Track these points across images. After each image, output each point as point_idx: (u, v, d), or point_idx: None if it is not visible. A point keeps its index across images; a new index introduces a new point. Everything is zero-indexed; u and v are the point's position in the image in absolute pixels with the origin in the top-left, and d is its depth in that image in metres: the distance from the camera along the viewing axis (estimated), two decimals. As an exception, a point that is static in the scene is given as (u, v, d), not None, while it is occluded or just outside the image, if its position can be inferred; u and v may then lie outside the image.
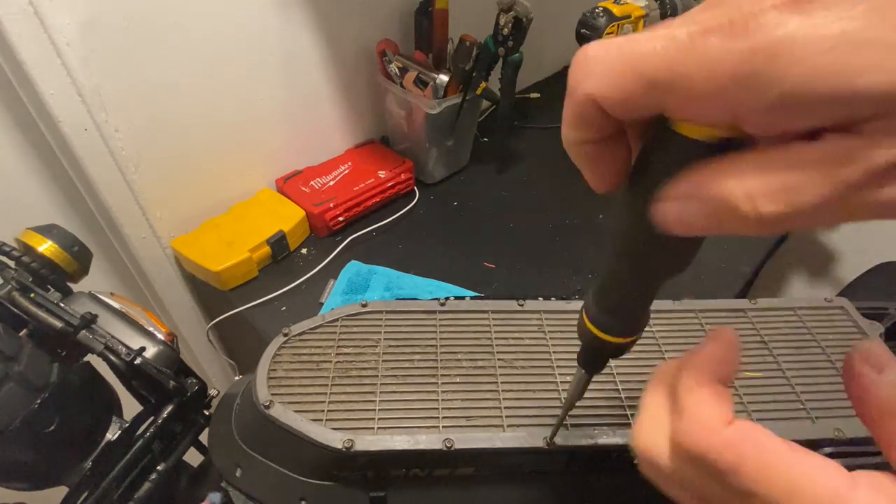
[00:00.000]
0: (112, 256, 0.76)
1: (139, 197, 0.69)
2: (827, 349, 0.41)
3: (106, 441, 0.40)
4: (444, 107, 0.79)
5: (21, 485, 0.38)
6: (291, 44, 0.74)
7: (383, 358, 0.40)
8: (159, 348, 0.42)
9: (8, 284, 0.39)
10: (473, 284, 0.69)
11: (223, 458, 0.40)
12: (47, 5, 0.52)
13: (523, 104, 1.13)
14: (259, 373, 0.39)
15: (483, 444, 0.35)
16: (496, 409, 0.37)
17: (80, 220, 0.71)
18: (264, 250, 0.73)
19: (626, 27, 0.82)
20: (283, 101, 0.78)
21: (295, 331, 0.42)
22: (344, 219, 0.80)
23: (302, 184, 0.82)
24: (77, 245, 0.43)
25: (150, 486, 0.41)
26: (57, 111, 0.57)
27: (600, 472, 0.38)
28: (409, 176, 0.86)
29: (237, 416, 0.41)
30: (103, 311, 0.42)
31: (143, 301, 0.81)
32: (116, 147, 0.63)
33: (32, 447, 0.36)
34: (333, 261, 0.75)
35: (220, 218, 0.77)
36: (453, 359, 0.40)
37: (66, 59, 0.55)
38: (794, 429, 0.36)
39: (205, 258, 0.70)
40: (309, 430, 0.35)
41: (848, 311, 0.44)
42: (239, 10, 0.66)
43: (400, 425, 0.36)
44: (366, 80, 0.86)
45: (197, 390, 0.43)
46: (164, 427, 0.42)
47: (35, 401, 0.35)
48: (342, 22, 0.78)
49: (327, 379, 0.39)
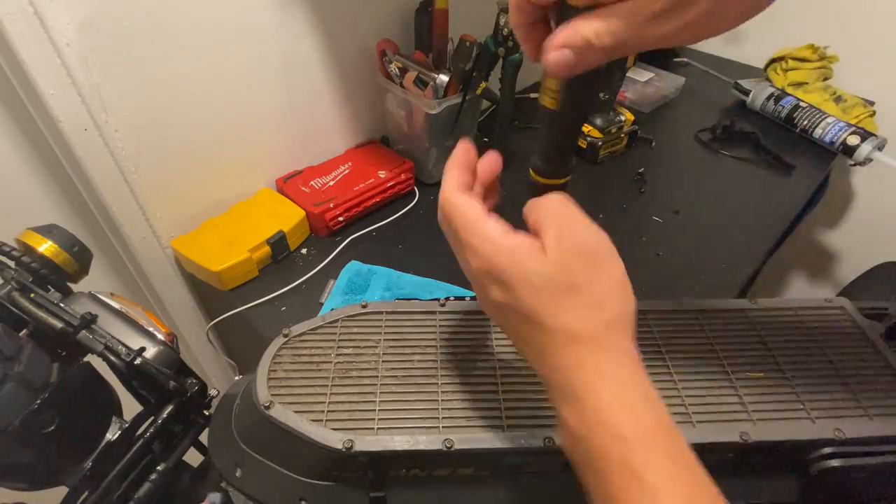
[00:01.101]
0: (112, 256, 0.76)
1: (139, 197, 0.69)
2: (827, 349, 0.41)
3: (106, 441, 0.40)
4: (444, 107, 0.79)
5: (21, 485, 0.38)
6: (291, 44, 0.74)
7: (383, 358, 0.40)
8: (159, 348, 0.42)
9: (8, 284, 0.39)
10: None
11: (223, 458, 0.40)
12: (47, 5, 0.52)
13: (523, 104, 1.13)
14: (259, 373, 0.39)
15: (483, 444, 0.35)
16: (496, 410, 0.37)
17: (80, 220, 0.71)
18: (264, 250, 0.73)
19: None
20: (283, 101, 0.78)
21: (295, 331, 0.42)
22: (344, 219, 0.80)
23: (302, 184, 0.82)
24: (77, 245, 0.43)
25: (150, 486, 0.41)
26: (57, 111, 0.57)
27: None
28: (409, 176, 0.86)
29: (237, 417, 0.41)
30: (103, 312, 0.42)
31: (143, 301, 0.81)
32: (116, 147, 0.63)
33: (32, 447, 0.36)
34: (333, 261, 0.75)
35: (220, 218, 0.77)
36: (453, 359, 0.40)
37: (66, 59, 0.55)
38: (794, 429, 0.36)
39: (205, 258, 0.70)
40: (309, 430, 0.35)
41: (848, 311, 0.44)
42: (239, 10, 0.66)
43: (400, 425, 0.36)
44: (366, 80, 0.86)
45: (197, 390, 0.43)
46: (164, 427, 0.42)
47: (35, 401, 0.35)
48: (342, 22, 0.78)
49: (327, 379, 0.39)
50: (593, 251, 0.28)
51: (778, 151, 0.97)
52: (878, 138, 0.92)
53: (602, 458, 0.24)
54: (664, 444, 0.24)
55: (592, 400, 0.25)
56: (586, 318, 0.26)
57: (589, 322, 0.26)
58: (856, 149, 0.93)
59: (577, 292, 0.26)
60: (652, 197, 0.89)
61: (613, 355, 0.26)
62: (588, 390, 0.25)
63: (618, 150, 0.98)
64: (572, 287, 0.26)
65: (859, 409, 0.37)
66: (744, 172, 0.96)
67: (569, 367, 0.26)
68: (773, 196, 0.91)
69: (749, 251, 0.80)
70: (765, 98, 1.06)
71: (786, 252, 1.37)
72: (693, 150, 1.01)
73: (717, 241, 0.81)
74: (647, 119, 1.09)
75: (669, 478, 0.23)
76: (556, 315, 0.26)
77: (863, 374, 0.40)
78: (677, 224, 0.84)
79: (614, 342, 0.26)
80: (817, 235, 1.41)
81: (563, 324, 0.26)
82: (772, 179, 0.95)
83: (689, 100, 1.17)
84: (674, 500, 0.22)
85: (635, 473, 0.23)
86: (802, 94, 1.05)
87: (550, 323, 0.26)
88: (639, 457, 0.23)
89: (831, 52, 1.07)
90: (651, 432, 0.24)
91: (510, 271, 0.27)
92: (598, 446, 0.24)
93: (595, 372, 0.25)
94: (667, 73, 1.19)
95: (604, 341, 0.26)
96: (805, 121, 1.00)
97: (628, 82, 1.15)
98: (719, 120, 1.04)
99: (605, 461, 0.24)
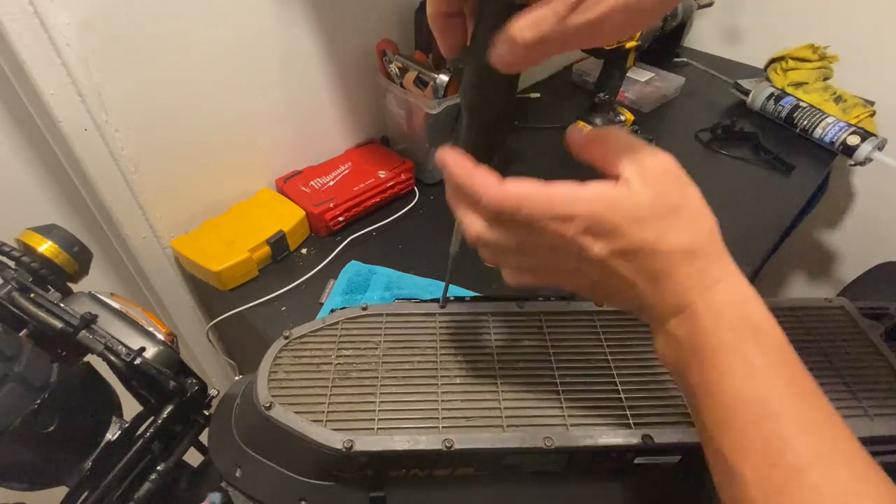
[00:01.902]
0: (112, 256, 0.76)
1: (139, 197, 0.69)
2: (827, 349, 0.41)
3: (106, 441, 0.40)
4: (444, 107, 0.79)
5: (21, 485, 0.38)
6: (291, 44, 0.74)
7: (383, 360, 0.40)
8: (159, 348, 0.42)
9: (8, 284, 0.39)
10: (473, 285, 0.69)
11: (223, 459, 0.40)
12: (47, 5, 0.52)
13: (523, 104, 1.13)
14: (260, 375, 0.39)
15: (483, 444, 0.35)
16: (496, 410, 0.37)
17: (80, 220, 0.71)
18: (264, 250, 0.73)
19: (626, 27, 0.82)
20: (283, 101, 0.78)
21: (295, 333, 0.42)
22: (344, 219, 0.80)
23: (302, 184, 0.82)
24: (77, 245, 0.43)
25: (150, 486, 0.41)
26: (57, 111, 0.57)
27: (600, 472, 0.38)
28: (409, 176, 0.86)
29: (237, 417, 0.41)
30: (103, 312, 0.42)
31: (143, 301, 0.81)
32: (116, 147, 0.63)
33: (32, 447, 0.36)
34: (333, 261, 0.75)
35: (220, 218, 0.77)
36: (453, 359, 0.40)
37: (66, 59, 0.55)
38: (794, 429, 0.36)
39: (205, 258, 0.70)
40: (309, 430, 0.35)
41: (848, 311, 0.44)
42: (239, 10, 0.66)
43: (400, 426, 0.36)
44: (366, 80, 0.86)
45: (197, 390, 0.43)
46: (164, 427, 0.42)
47: (35, 401, 0.35)
48: (342, 22, 0.78)
49: (328, 381, 0.39)
50: (676, 172, 0.28)
51: (778, 151, 0.98)
52: (878, 138, 0.92)
53: (709, 349, 0.26)
54: (773, 337, 0.26)
55: (710, 301, 0.27)
56: (694, 232, 0.27)
57: (698, 235, 0.27)
58: (856, 149, 0.93)
59: (678, 213, 0.27)
60: (652, 197, 0.88)
61: (725, 259, 0.28)
62: (706, 297, 0.27)
63: (618, 150, 0.98)
64: (674, 209, 0.27)
65: (859, 409, 0.37)
66: (744, 172, 0.96)
67: (687, 281, 0.27)
68: (773, 196, 0.91)
69: (749, 251, 0.80)
70: (765, 98, 1.06)
71: (786, 252, 1.37)
72: (693, 150, 1.01)
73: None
74: (647, 119, 1.09)
75: (773, 364, 0.25)
76: (669, 238, 0.27)
77: (863, 374, 0.40)
78: (677, 224, 0.83)
79: (721, 248, 0.28)
80: (817, 235, 1.41)
81: (676, 244, 0.27)
82: (772, 179, 0.95)
83: (689, 100, 1.17)
84: (774, 381, 0.24)
85: (743, 357, 0.25)
86: (802, 94, 1.05)
87: (664, 247, 0.27)
88: (748, 344, 0.25)
89: (831, 52, 1.07)
90: (761, 325, 0.26)
91: (613, 217, 0.27)
92: (707, 341, 0.26)
93: (713, 277, 0.27)
94: (667, 73, 1.19)
95: (712, 249, 0.28)
96: (805, 121, 1.00)
97: (628, 82, 1.15)
98: (719, 120, 1.05)
99: (711, 352, 0.26)
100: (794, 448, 0.23)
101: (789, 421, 0.24)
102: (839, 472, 0.23)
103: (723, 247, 0.28)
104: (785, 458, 0.23)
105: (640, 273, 0.28)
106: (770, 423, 0.24)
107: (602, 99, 0.92)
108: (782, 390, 0.24)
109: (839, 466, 0.23)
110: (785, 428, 0.24)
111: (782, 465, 0.23)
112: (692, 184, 0.28)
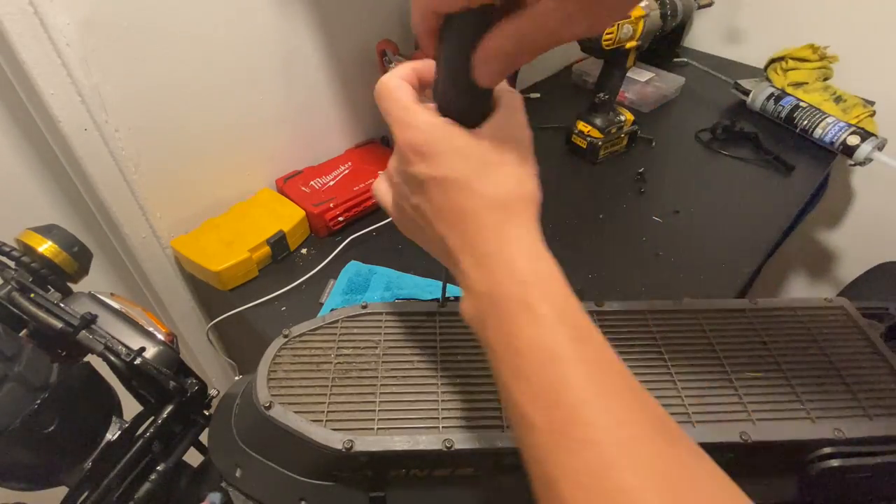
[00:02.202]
0: (112, 256, 0.76)
1: (139, 197, 0.69)
2: (827, 349, 0.41)
3: (106, 441, 0.40)
4: (443, 107, 0.79)
5: (21, 485, 0.38)
6: (292, 44, 0.74)
7: (383, 359, 0.40)
8: (159, 348, 0.42)
9: (8, 284, 0.39)
10: (473, 284, 0.69)
11: (223, 458, 0.40)
12: (47, 5, 0.52)
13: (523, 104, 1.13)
14: (259, 374, 0.39)
15: (483, 444, 0.35)
16: (496, 410, 0.37)
17: (80, 220, 0.71)
18: (264, 250, 0.73)
19: (626, 27, 0.82)
20: (283, 101, 0.78)
21: (295, 332, 0.42)
22: (344, 219, 0.80)
23: (302, 184, 0.82)
24: (77, 245, 0.43)
25: (150, 486, 0.41)
26: (57, 111, 0.57)
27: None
28: (409, 176, 0.86)
29: (237, 417, 0.41)
30: (103, 312, 0.42)
31: (143, 301, 0.81)
32: (116, 147, 0.63)
33: (32, 447, 0.36)
34: (333, 261, 0.75)
35: (220, 218, 0.77)
36: (453, 359, 0.40)
37: (66, 59, 0.55)
38: (794, 429, 0.36)
39: (205, 258, 0.70)
40: (309, 430, 0.35)
41: (848, 311, 0.44)
42: (239, 10, 0.66)
43: (400, 426, 0.36)
44: (366, 80, 0.86)
45: (197, 390, 0.43)
46: (164, 427, 0.42)
47: (35, 401, 0.35)
48: (342, 22, 0.78)
49: (327, 380, 0.39)
50: (526, 144, 0.30)
51: (778, 151, 0.98)
52: (878, 138, 0.92)
53: (503, 302, 0.27)
54: (559, 290, 0.27)
55: (506, 254, 0.27)
56: (512, 190, 0.28)
57: (513, 193, 0.28)
58: (856, 149, 0.93)
59: (505, 167, 0.29)
60: (652, 197, 0.89)
61: (530, 224, 0.29)
62: (503, 248, 0.28)
63: (618, 150, 0.98)
64: (502, 162, 0.29)
65: (859, 409, 0.37)
66: (744, 172, 0.96)
67: (488, 229, 0.28)
68: (773, 196, 0.91)
69: (749, 251, 0.80)
70: (765, 98, 1.06)
71: (786, 252, 1.37)
72: (693, 150, 1.01)
73: (717, 241, 0.81)
74: (647, 119, 1.09)
75: (557, 312, 0.26)
76: (487, 182, 0.28)
77: (863, 374, 0.40)
78: (677, 224, 0.84)
79: (531, 216, 0.29)
80: (817, 235, 1.41)
81: (492, 191, 0.28)
82: (772, 179, 0.95)
83: (689, 100, 1.17)
84: (558, 328, 0.25)
85: (530, 307, 0.26)
86: (802, 94, 1.05)
87: (479, 188, 0.28)
88: (535, 295, 0.26)
89: (831, 52, 1.07)
90: (548, 279, 0.27)
91: (443, 143, 0.28)
92: (502, 294, 0.27)
93: (513, 233, 0.28)
94: (667, 73, 1.19)
95: (522, 212, 0.28)
96: (805, 121, 1.00)
97: (628, 82, 1.15)
98: (719, 120, 1.05)
99: (505, 305, 0.27)
100: (573, 386, 0.24)
101: (570, 363, 0.25)
102: (612, 406, 0.24)
103: (535, 219, 0.29)
104: (564, 397, 0.24)
105: (450, 207, 0.29)
106: (554, 366, 0.25)
107: (602, 99, 0.92)
108: (565, 335, 0.25)
109: (613, 401, 0.24)
110: (567, 369, 0.24)
111: (562, 404, 0.24)
112: (534, 161, 0.30)
